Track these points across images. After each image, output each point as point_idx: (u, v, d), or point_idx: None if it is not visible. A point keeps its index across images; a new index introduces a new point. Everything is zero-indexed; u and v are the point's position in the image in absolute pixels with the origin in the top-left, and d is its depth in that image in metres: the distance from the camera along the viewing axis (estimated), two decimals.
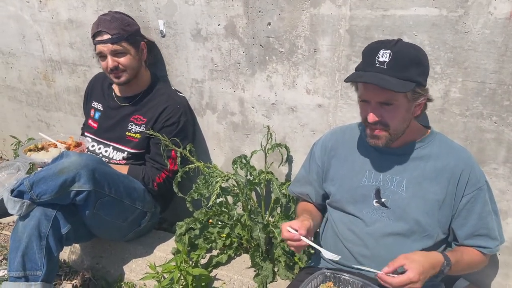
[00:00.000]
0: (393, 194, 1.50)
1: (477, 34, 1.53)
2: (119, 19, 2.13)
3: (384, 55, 1.35)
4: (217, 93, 2.24)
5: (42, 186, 1.79)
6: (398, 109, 1.39)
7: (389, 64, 1.34)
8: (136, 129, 2.21)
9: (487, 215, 1.48)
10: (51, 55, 2.81)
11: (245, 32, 2.03)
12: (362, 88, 1.43)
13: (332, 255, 1.43)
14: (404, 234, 1.48)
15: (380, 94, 1.37)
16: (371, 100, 1.40)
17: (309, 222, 1.44)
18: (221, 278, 2.00)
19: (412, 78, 1.35)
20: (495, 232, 1.50)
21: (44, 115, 3.11)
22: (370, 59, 1.38)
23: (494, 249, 1.51)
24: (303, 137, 2.07)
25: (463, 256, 1.45)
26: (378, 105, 1.39)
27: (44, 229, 1.81)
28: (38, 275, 1.78)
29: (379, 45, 1.39)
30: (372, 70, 1.36)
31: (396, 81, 1.33)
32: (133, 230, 2.18)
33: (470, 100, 1.62)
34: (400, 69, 1.34)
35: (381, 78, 1.33)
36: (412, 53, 1.37)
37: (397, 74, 1.34)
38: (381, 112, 1.40)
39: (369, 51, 1.41)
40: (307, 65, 1.93)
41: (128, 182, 2.06)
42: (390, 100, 1.37)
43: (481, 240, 1.49)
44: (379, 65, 1.35)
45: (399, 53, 1.35)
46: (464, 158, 1.48)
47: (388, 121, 1.40)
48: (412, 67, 1.36)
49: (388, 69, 1.34)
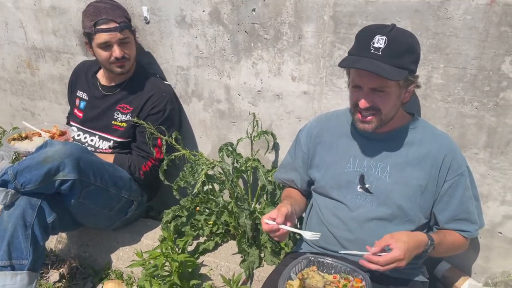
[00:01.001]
0: (377, 180, 1.52)
1: (458, 20, 1.54)
2: (119, 7, 2.12)
3: (380, 41, 1.35)
4: (203, 80, 2.23)
5: (26, 175, 1.78)
6: (390, 96, 1.41)
7: (384, 51, 1.34)
8: (122, 118, 2.20)
9: (468, 200, 1.51)
10: (34, 42, 2.77)
11: (230, 19, 2.02)
12: (355, 74, 1.43)
13: (312, 235, 1.46)
14: (387, 218, 1.50)
15: (373, 80, 1.37)
16: (364, 86, 1.41)
17: (286, 208, 1.45)
18: (208, 264, 2.02)
19: (405, 66, 1.36)
20: (475, 216, 1.54)
21: (29, 103, 3.07)
22: (364, 44, 1.38)
23: (474, 233, 1.55)
24: (289, 124, 2.08)
25: (446, 238, 1.49)
26: (370, 91, 1.40)
27: (29, 218, 1.81)
28: (24, 264, 1.78)
29: (374, 30, 1.38)
30: (367, 56, 1.36)
31: (390, 69, 1.33)
32: (120, 219, 2.18)
33: (452, 86, 1.64)
34: (395, 56, 1.35)
35: (377, 65, 1.33)
36: (407, 41, 1.38)
37: (391, 62, 1.34)
38: (373, 98, 1.41)
39: (363, 36, 1.41)
40: (292, 52, 1.93)
41: (114, 171, 2.06)
42: (382, 87, 1.38)
43: (461, 224, 1.52)
44: (374, 51, 1.35)
45: (395, 40, 1.35)
46: (446, 144, 1.50)
47: (379, 107, 1.41)
48: (406, 54, 1.37)
49: (383, 56, 1.34)
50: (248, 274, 1.91)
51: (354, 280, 1.38)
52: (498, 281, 1.75)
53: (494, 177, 1.68)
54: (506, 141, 1.61)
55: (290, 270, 1.41)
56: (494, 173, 1.67)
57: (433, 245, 1.40)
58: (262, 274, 1.91)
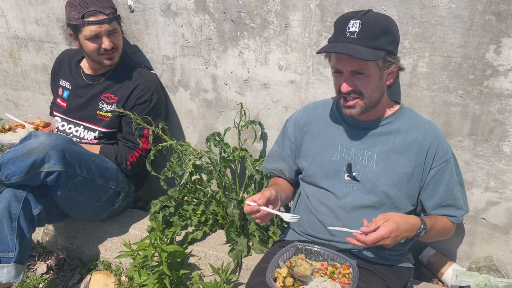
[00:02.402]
0: (364, 168, 1.53)
1: (444, 9, 1.55)
2: None
3: (354, 25, 1.38)
4: (189, 69, 2.21)
5: (10, 167, 1.76)
6: (370, 78, 1.42)
7: (359, 34, 1.37)
8: (107, 108, 2.18)
9: (454, 186, 1.54)
10: (16, 32, 2.71)
11: (216, 7, 2.00)
12: (335, 59, 1.45)
13: (291, 217, 1.49)
14: (374, 206, 1.52)
15: (351, 63, 1.39)
16: (344, 69, 1.42)
17: (270, 191, 1.48)
18: (196, 254, 2.02)
19: (381, 47, 1.39)
20: (460, 202, 1.57)
21: (12, 94, 3.01)
22: (340, 30, 1.41)
23: (460, 218, 1.58)
24: (276, 113, 2.08)
25: (437, 222, 1.51)
26: (351, 75, 1.42)
27: (15, 210, 1.79)
28: (10, 256, 1.77)
29: (349, 16, 1.41)
30: (343, 41, 1.39)
31: (366, 50, 1.36)
32: (107, 210, 2.17)
33: (437, 75, 1.65)
34: (370, 38, 1.37)
35: (352, 48, 1.36)
36: (381, 23, 1.40)
37: (367, 44, 1.37)
38: (354, 81, 1.43)
39: (339, 22, 1.44)
40: (278, 41, 1.92)
41: (100, 162, 2.04)
42: (361, 69, 1.40)
43: (448, 210, 1.55)
44: (350, 35, 1.38)
45: (369, 23, 1.37)
46: (431, 132, 1.52)
47: (361, 89, 1.43)
48: (381, 36, 1.39)
49: (358, 39, 1.37)
50: (237, 263, 1.92)
51: (342, 267, 1.40)
52: (482, 266, 1.79)
53: (478, 164, 1.71)
54: (490, 129, 1.64)
55: (278, 258, 1.42)
56: (478, 160, 1.70)
57: (425, 229, 1.43)
58: (250, 262, 1.93)
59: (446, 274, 1.81)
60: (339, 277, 1.37)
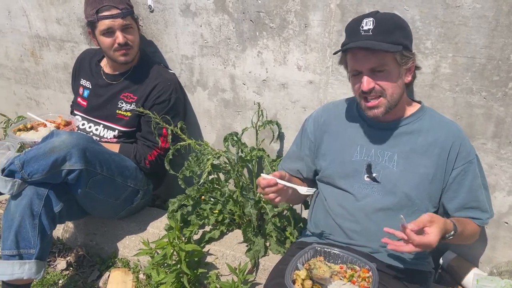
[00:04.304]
0: (384, 169, 1.51)
1: (468, 9, 1.52)
2: None
3: (368, 23, 1.37)
4: (208, 69, 2.22)
5: (33, 165, 1.79)
6: (390, 74, 1.41)
7: (374, 30, 1.36)
8: (126, 107, 2.20)
9: (478, 189, 1.50)
10: (37, 31, 2.75)
11: (235, 7, 1.99)
12: (352, 60, 1.43)
13: (307, 190, 1.47)
14: (394, 208, 1.50)
15: (370, 60, 1.38)
16: (363, 68, 1.40)
17: (280, 173, 1.46)
18: (213, 253, 2.03)
19: (398, 41, 1.38)
20: (485, 205, 1.52)
21: (33, 92, 3.07)
22: (354, 31, 1.40)
23: (484, 221, 1.54)
24: (294, 113, 2.07)
25: (466, 227, 1.46)
26: (371, 73, 1.40)
27: (37, 208, 1.82)
28: (31, 253, 1.80)
29: (361, 17, 1.41)
30: (359, 39, 1.37)
31: (383, 44, 1.35)
32: (126, 208, 2.19)
33: (460, 76, 1.62)
34: (386, 33, 1.36)
35: (369, 43, 1.35)
36: (394, 19, 1.41)
37: (383, 39, 1.35)
38: (374, 79, 1.40)
39: (352, 25, 1.43)
40: (298, 41, 1.91)
41: (120, 160, 2.06)
42: (381, 66, 1.39)
43: (472, 212, 1.51)
44: (365, 33, 1.37)
45: (382, 19, 1.37)
46: (454, 132, 1.49)
47: (383, 86, 1.41)
48: (396, 30, 1.38)
49: (374, 35, 1.36)
50: (254, 263, 1.92)
51: (361, 270, 1.39)
52: (503, 271, 1.76)
53: (501, 167, 1.67)
54: None
55: (297, 260, 1.41)
56: (502, 164, 1.67)
57: (454, 235, 1.38)
58: (267, 263, 1.93)
59: (467, 278, 1.78)
60: (358, 280, 1.36)
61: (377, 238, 1.50)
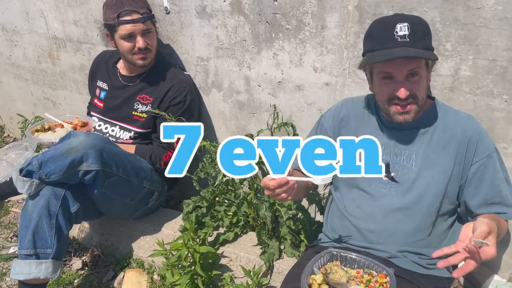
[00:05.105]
0: (402, 168, 1.49)
1: (489, 11, 1.49)
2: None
3: (402, 28, 1.33)
4: (223, 71, 2.22)
5: (50, 165, 1.80)
6: (422, 79, 1.39)
7: (410, 36, 1.33)
8: (142, 109, 2.21)
9: (500, 183, 1.45)
10: (55, 32, 2.79)
11: (251, 9, 1.99)
12: (387, 65, 1.38)
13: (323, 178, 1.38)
14: (413, 208, 1.47)
15: (408, 64, 1.35)
16: (399, 75, 1.37)
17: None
18: (227, 255, 2.03)
19: (430, 46, 1.38)
20: (509, 199, 1.46)
21: (50, 93, 3.10)
22: (388, 35, 1.35)
23: (510, 215, 1.47)
24: (309, 115, 2.06)
25: (501, 226, 1.40)
26: (405, 79, 1.38)
27: (54, 208, 1.83)
28: (48, 252, 1.82)
29: (392, 20, 1.37)
30: (397, 45, 1.34)
31: (423, 52, 1.34)
32: (141, 209, 2.20)
33: (481, 78, 1.59)
34: (420, 39, 1.35)
35: (411, 51, 1.32)
36: (423, 23, 1.40)
37: (420, 45, 1.34)
38: (409, 85, 1.38)
39: (381, 29, 1.38)
40: (314, 43, 1.89)
41: (136, 162, 2.07)
42: (417, 70, 1.37)
43: (496, 208, 1.45)
44: (401, 39, 1.33)
45: (416, 24, 1.35)
46: (471, 126, 1.46)
47: (416, 93, 1.39)
48: (426, 36, 1.38)
49: (411, 42, 1.33)
50: (268, 266, 1.91)
51: (378, 275, 1.36)
52: None
53: None
54: None
55: (313, 264, 1.40)
56: None
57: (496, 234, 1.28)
58: (282, 266, 1.92)
59: (485, 284, 1.75)
60: (375, 285, 1.33)
61: (395, 240, 1.48)
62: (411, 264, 1.48)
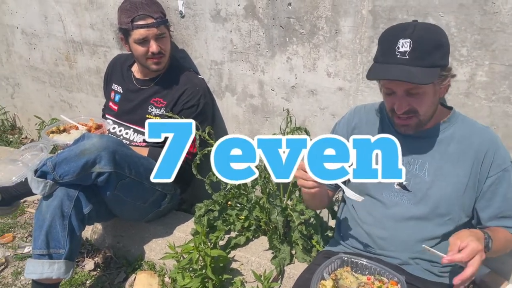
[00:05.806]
0: (414, 177, 1.47)
1: (506, 15, 1.47)
2: (155, 2, 2.14)
3: (404, 44, 1.29)
4: (237, 75, 2.22)
5: (64, 167, 1.83)
6: (426, 95, 1.35)
7: (411, 54, 1.28)
8: (156, 112, 2.23)
9: None
10: (72, 36, 2.83)
11: (265, 13, 1.99)
12: (385, 81, 1.38)
13: (355, 196, 1.37)
14: (425, 218, 1.45)
15: (404, 85, 1.32)
16: (398, 90, 1.35)
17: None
18: (239, 259, 2.02)
19: (436, 63, 1.31)
20: None
21: (67, 95, 3.15)
22: (389, 50, 1.32)
23: None
24: (323, 120, 2.05)
25: (498, 234, 1.38)
26: (405, 94, 1.35)
27: (67, 209, 1.85)
28: (61, 253, 1.83)
29: (396, 33, 1.32)
30: (394, 62, 1.30)
31: (421, 72, 1.27)
32: (153, 211, 2.21)
33: (497, 84, 1.57)
34: (423, 57, 1.29)
35: (406, 71, 1.28)
36: (432, 38, 1.31)
37: (421, 63, 1.28)
38: (409, 101, 1.35)
39: (386, 40, 1.35)
40: (328, 47, 1.89)
41: (148, 164, 2.08)
42: (416, 89, 1.33)
43: (506, 221, 1.44)
44: (401, 56, 1.29)
45: (419, 40, 1.29)
46: (488, 139, 1.43)
47: (416, 108, 1.36)
48: (434, 52, 1.30)
49: (410, 60, 1.28)
50: (279, 271, 1.90)
51: (389, 282, 1.34)
52: None
53: None
54: None
55: (323, 269, 1.38)
56: None
57: (490, 238, 1.30)
58: (293, 271, 1.90)
59: None
60: None
61: (407, 247, 1.46)
62: (423, 271, 1.46)
